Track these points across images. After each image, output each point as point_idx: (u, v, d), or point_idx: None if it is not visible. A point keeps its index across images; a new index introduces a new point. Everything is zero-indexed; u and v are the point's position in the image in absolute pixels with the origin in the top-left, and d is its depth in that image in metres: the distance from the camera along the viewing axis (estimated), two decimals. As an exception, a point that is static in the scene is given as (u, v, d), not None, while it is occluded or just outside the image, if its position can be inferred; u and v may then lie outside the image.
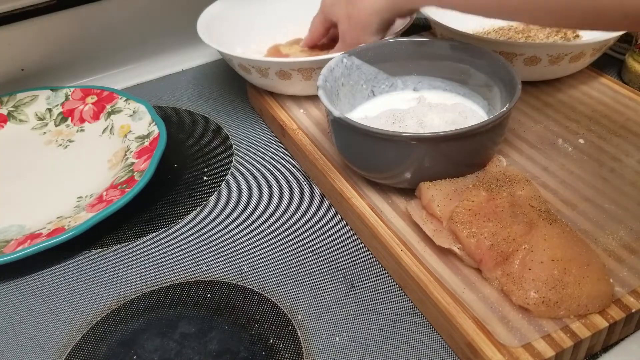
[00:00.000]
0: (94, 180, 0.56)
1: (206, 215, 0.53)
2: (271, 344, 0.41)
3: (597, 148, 0.52)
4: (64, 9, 0.68)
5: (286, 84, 0.57)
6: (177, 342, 0.42)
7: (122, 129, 0.61)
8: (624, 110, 0.56)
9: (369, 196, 0.48)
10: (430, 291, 0.40)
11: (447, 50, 0.53)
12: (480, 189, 0.43)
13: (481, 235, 0.40)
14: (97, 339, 0.43)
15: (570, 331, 0.37)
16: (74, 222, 0.49)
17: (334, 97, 0.51)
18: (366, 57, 0.53)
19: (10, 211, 0.54)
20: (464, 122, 0.48)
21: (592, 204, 0.46)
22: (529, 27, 0.67)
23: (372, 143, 0.45)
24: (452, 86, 0.54)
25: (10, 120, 0.64)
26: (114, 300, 0.45)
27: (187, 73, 0.75)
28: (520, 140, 0.53)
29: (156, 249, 0.50)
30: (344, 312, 0.43)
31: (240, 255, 0.48)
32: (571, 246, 0.40)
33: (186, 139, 0.62)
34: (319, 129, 0.56)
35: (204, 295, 0.45)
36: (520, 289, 0.38)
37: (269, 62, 0.56)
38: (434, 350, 0.40)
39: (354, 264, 0.47)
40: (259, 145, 0.61)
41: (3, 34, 0.67)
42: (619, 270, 0.40)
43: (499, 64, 0.49)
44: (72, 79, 0.72)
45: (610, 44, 0.58)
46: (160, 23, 0.75)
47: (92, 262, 0.49)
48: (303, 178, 0.56)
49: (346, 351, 0.40)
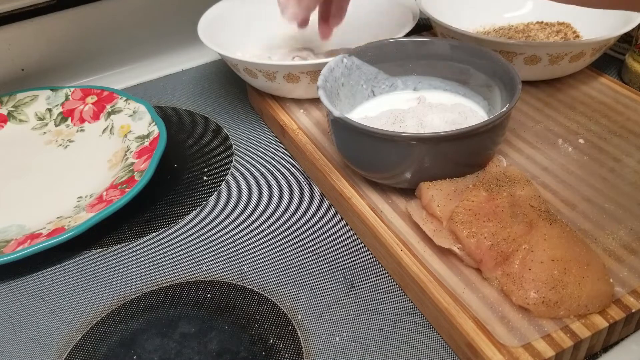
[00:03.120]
0: (94, 180, 0.56)
1: (206, 215, 0.53)
2: (271, 344, 0.41)
3: (597, 148, 0.52)
4: (64, 9, 0.68)
5: (292, 87, 0.57)
6: (177, 342, 0.42)
7: (122, 129, 0.61)
8: (624, 110, 0.56)
9: (369, 196, 0.48)
10: (430, 291, 0.40)
11: (447, 50, 0.53)
12: (480, 189, 0.43)
13: (481, 235, 0.40)
14: (97, 339, 0.43)
15: (570, 331, 0.37)
16: (74, 222, 0.49)
17: (334, 97, 0.51)
18: (366, 57, 0.53)
19: (10, 211, 0.54)
20: (464, 122, 0.48)
21: (592, 204, 0.46)
22: (529, 27, 0.67)
23: (372, 143, 0.45)
24: (452, 86, 0.54)
25: (10, 120, 0.64)
26: (114, 300, 0.45)
27: (187, 73, 0.75)
28: (520, 140, 0.53)
29: (156, 249, 0.50)
30: (344, 312, 0.43)
31: (240, 255, 0.48)
32: (571, 246, 0.40)
33: (186, 139, 0.62)
34: (319, 129, 0.56)
35: (204, 295, 0.45)
36: (520, 289, 0.38)
37: (277, 66, 0.55)
38: (434, 350, 0.40)
39: (354, 264, 0.47)
40: (259, 145, 0.61)
41: (3, 34, 0.67)
42: (619, 270, 0.40)
43: (499, 64, 0.49)
44: (72, 79, 0.72)
45: (610, 43, 0.58)
46: (160, 23, 0.75)
47: (92, 262, 0.49)
48: (303, 178, 0.56)
49: (346, 351, 0.40)
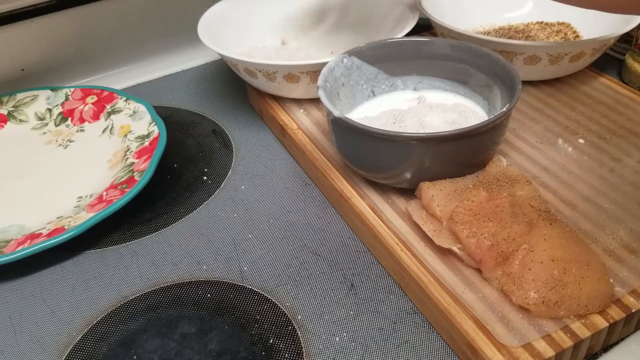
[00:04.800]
0: (94, 180, 0.56)
1: (206, 215, 0.53)
2: (271, 344, 0.41)
3: (597, 148, 0.52)
4: (64, 9, 0.68)
5: (292, 87, 0.57)
6: (177, 342, 0.42)
7: (122, 129, 0.61)
8: (624, 110, 0.56)
9: (369, 196, 0.48)
10: (430, 291, 0.40)
11: (447, 50, 0.53)
12: (480, 189, 0.43)
13: (481, 235, 0.40)
14: (97, 339, 0.43)
15: (570, 331, 0.37)
16: (74, 222, 0.49)
17: (334, 97, 0.51)
18: (366, 57, 0.53)
19: (10, 211, 0.54)
20: (464, 122, 0.48)
21: (592, 204, 0.46)
22: (529, 27, 0.67)
23: (372, 143, 0.45)
24: (453, 86, 0.54)
25: (10, 120, 0.64)
26: (114, 300, 0.45)
27: (187, 73, 0.75)
28: (520, 140, 0.53)
29: (156, 249, 0.50)
30: (344, 312, 0.43)
31: (240, 255, 0.48)
32: (571, 246, 0.40)
33: (186, 139, 0.62)
34: (319, 129, 0.56)
35: (204, 295, 0.45)
36: (520, 289, 0.38)
37: (277, 66, 0.55)
38: (434, 350, 0.40)
39: (354, 264, 0.47)
40: (259, 145, 0.61)
41: (3, 34, 0.67)
42: (619, 270, 0.40)
43: (499, 64, 0.49)
44: (72, 79, 0.72)
45: (610, 44, 0.58)
46: (160, 23, 0.75)
47: (92, 262, 0.49)
48: (303, 178, 0.56)
49: (346, 351, 0.40)
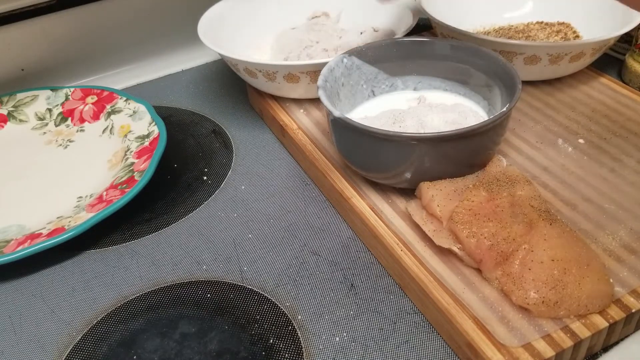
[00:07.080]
0: (94, 180, 0.56)
1: (206, 215, 0.53)
2: (271, 344, 0.41)
3: (597, 148, 0.52)
4: (64, 9, 0.68)
5: (292, 87, 0.57)
6: (177, 342, 0.42)
7: (122, 129, 0.61)
8: (624, 110, 0.56)
9: (369, 196, 0.48)
10: (430, 291, 0.40)
11: (447, 50, 0.53)
12: (480, 189, 0.43)
13: (481, 235, 0.40)
14: (97, 339, 0.43)
15: (570, 331, 0.37)
16: (74, 222, 0.49)
17: (334, 97, 0.51)
18: (366, 57, 0.53)
19: (10, 211, 0.54)
20: (464, 122, 0.48)
21: (592, 204, 0.46)
22: (529, 27, 0.67)
23: (372, 143, 0.45)
24: (453, 86, 0.54)
25: (10, 120, 0.64)
26: (114, 300, 0.45)
27: (187, 73, 0.75)
28: (520, 140, 0.53)
29: (156, 249, 0.50)
30: (344, 312, 0.43)
31: (240, 255, 0.48)
32: (571, 246, 0.40)
33: (186, 139, 0.62)
34: (319, 129, 0.56)
35: (204, 295, 0.45)
36: (520, 289, 0.38)
37: (277, 66, 0.55)
38: (434, 350, 0.40)
39: (354, 264, 0.47)
40: (259, 145, 0.61)
41: (3, 34, 0.67)
42: (619, 270, 0.40)
43: (499, 64, 0.49)
44: (72, 79, 0.72)
45: (610, 43, 0.58)
46: (160, 23, 0.75)
47: (92, 262, 0.49)
48: (303, 178, 0.56)
49: (346, 351, 0.40)
